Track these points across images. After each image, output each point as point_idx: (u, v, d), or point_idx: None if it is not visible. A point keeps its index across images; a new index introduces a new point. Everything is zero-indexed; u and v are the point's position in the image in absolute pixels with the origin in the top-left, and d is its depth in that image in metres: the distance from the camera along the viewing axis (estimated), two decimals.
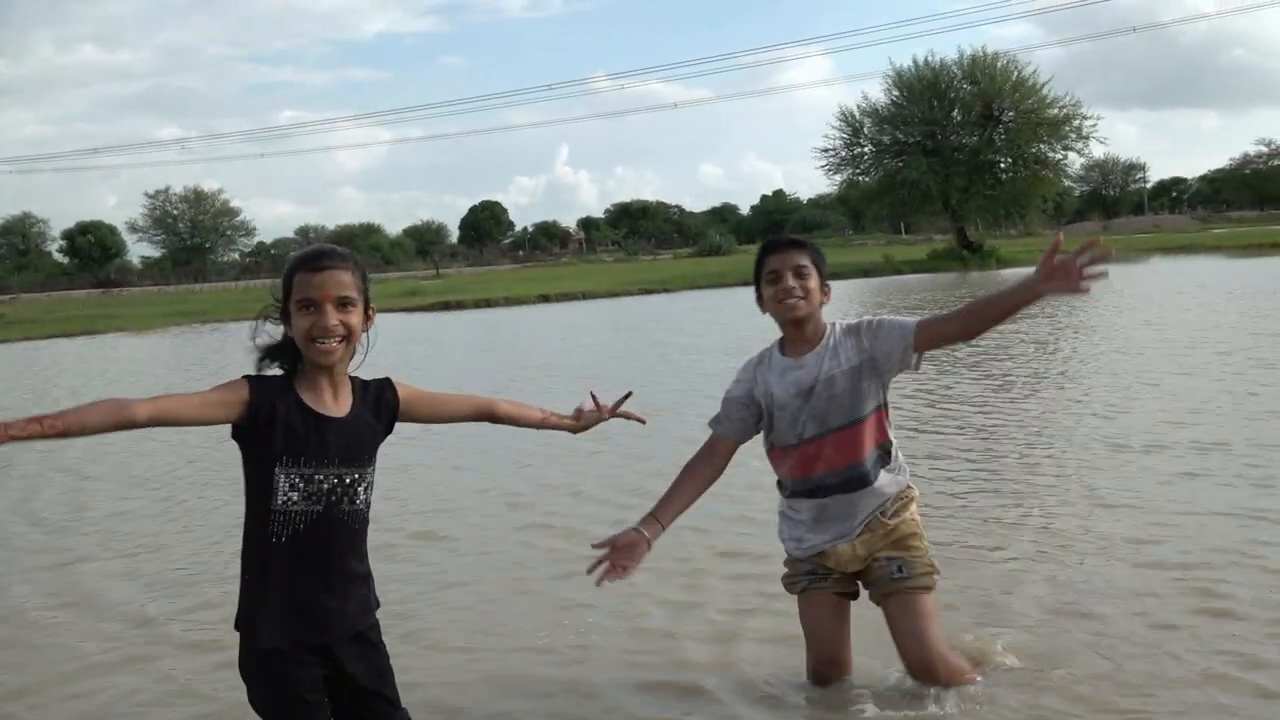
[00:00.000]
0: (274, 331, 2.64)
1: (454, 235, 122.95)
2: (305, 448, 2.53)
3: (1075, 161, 50.15)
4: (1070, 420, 8.52)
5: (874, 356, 3.41)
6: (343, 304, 2.55)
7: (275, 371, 2.64)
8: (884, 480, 3.48)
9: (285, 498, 2.53)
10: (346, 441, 2.59)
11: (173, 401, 2.45)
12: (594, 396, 3.18)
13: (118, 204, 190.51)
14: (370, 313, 2.64)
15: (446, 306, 34.41)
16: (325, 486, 2.56)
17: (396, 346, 18.93)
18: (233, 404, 2.49)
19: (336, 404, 2.61)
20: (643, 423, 3.29)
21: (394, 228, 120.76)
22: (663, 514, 3.43)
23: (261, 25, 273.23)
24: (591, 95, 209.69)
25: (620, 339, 20.03)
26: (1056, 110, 45.49)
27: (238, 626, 2.63)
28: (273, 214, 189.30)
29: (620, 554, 3.27)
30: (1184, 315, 16.73)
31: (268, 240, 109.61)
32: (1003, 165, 47.91)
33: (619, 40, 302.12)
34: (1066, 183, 53.15)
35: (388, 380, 2.75)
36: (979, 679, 3.56)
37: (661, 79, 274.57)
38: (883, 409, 3.49)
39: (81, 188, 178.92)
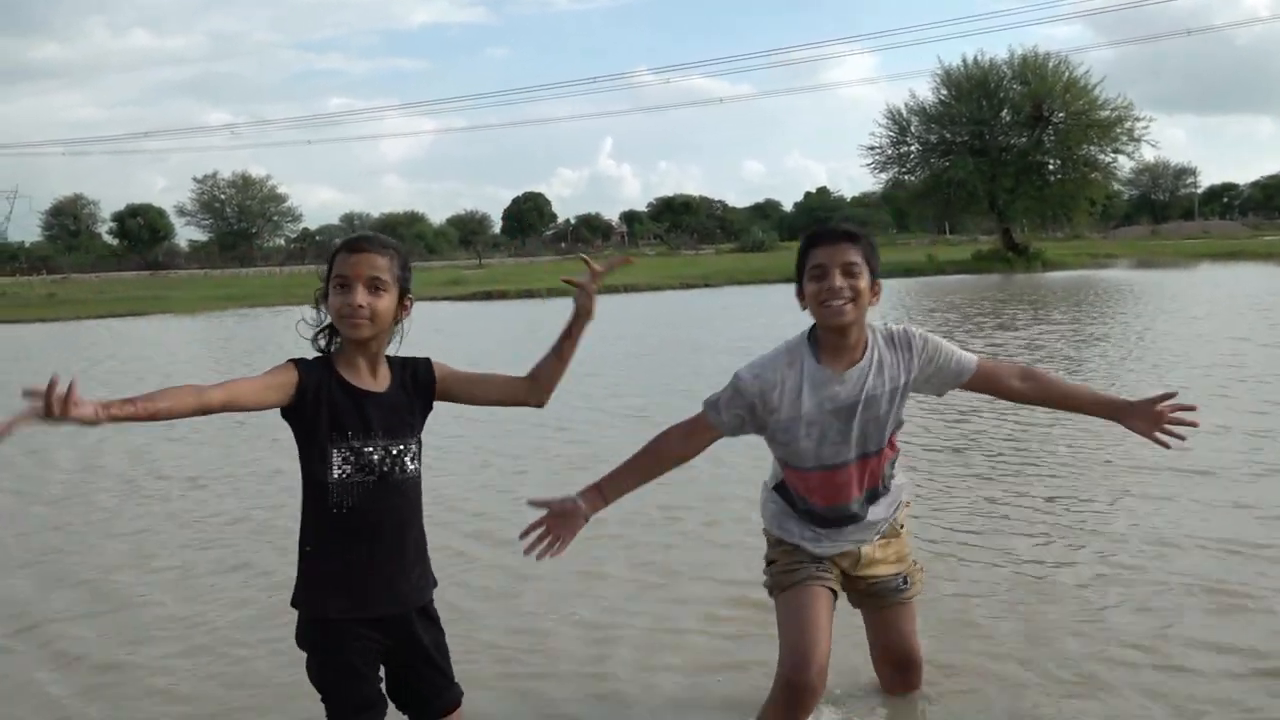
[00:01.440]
0: (323, 318, 2.75)
1: (497, 225, 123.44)
2: (350, 423, 2.64)
3: (1125, 165, 49.57)
4: (1053, 433, 8.37)
5: (918, 380, 3.17)
6: (373, 285, 2.64)
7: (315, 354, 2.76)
8: (895, 486, 3.37)
9: (340, 471, 2.63)
10: (387, 415, 2.69)
11: (239, 386, 2.55)
12: (585, 271, 2.93)
13: (166, 187, 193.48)
14: (407, 302, 2.75)
15: (489, 296, 34.63)
16: (375, 458, 2.66)
17: (424, 336, 19.06)
18: (285, 386, 2.61)
19: (375, 380, 2.72)
20: (629, 262, 3.13)
21: (437, 217, 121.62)
22: (609, 488, 3.10)
23: (308, 13, 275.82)
24: (635, 89, 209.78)
25: (653, 333, 20.02)
26: (1107, 112, 44.96)
27: (295, 604, 2.72)
28: (317, 200, 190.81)
29: (557, 523, 2.99)
30: (1201, 326, 16.38)
31: (312, 226, 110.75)
32: (1051, 167, 47.38)
33: (664, 34, 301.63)
34: (1115, 186, 52.47)
35: (426, 359, 2.85)
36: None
37: (705, 74, 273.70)
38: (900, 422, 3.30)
39: (131, 170, 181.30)
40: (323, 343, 2.74)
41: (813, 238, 3.14)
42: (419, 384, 2.79)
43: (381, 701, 2.72)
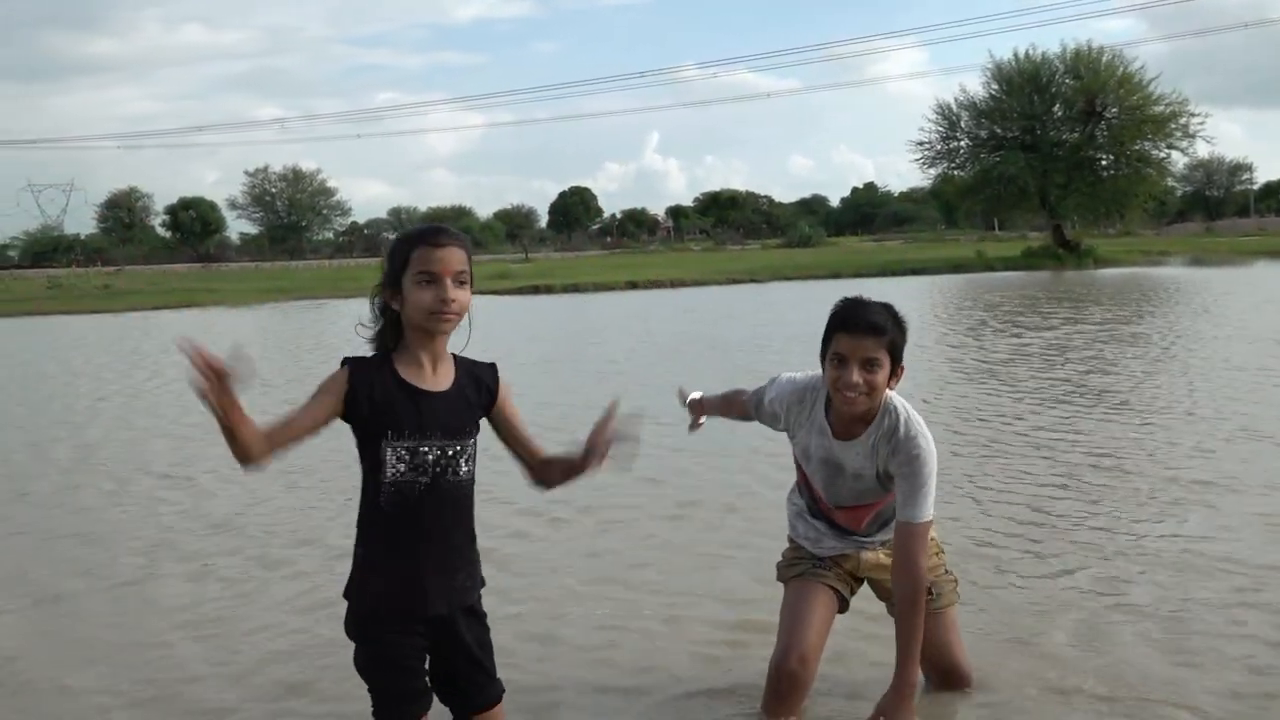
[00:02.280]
0: (378, 317, 2.73)
1: (543, 220, 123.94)
2: (406, 421, 2.62)
3: (1179, 161, 48.80)
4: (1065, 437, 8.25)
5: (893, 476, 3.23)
6: (459, 280, 2.63)
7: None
8: None
9: (394, 470, 2.63)
10: (446, 414, 2.67)
11: (292, 427, 2.58)
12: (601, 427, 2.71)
13: (218, 181, 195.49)
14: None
15: (535, 290, 34.77)
16: (430, 458, 2.65)
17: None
18: (335, 398, 2.62)
19: (436, 377, 2.70)
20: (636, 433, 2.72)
21: (484, 211, 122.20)
22: (709, 405, 3.75)
23: (359, 8, 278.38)
24: (681, 83, 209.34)
25: (686, 329, 19.99)
26: (1162, 107, 44.26)
27: (347, 595, 2.74)
28: (366, 194, 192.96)
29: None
30: (1237, 327, 15.99)
31: (361, 220, 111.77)
32: (1104, 162, 46.74)
33: (710, 28, 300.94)
34: (1169, 182, 51.67)
35: (492, 366, 2.82)
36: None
37: (752, 68, 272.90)
38: None
39: (183, 164, 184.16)
40: (381, 342, 2.72)
41: (841, 321, 3.12)
42: (482, 388, 2.77)
43: (427, 694, 2.75)
